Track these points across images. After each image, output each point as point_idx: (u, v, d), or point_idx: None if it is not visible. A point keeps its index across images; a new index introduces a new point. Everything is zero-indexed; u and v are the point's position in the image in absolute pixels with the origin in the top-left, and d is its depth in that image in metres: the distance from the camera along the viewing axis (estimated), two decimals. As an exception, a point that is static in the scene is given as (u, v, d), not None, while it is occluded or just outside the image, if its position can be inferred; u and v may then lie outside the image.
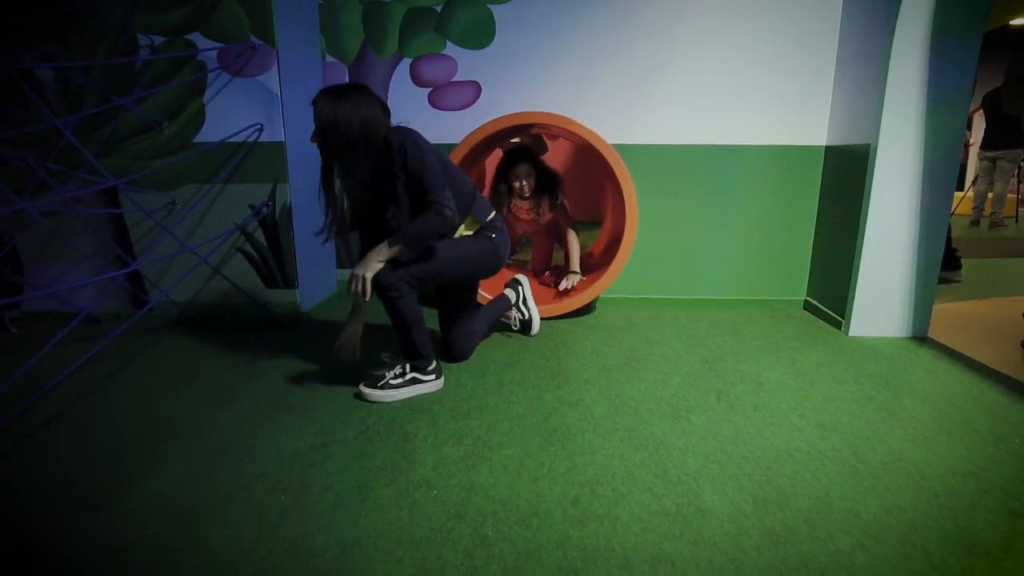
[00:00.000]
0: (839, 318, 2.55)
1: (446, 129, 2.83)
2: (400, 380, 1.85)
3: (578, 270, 2.80)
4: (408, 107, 2.85)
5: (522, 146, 2.89)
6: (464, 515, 1.27)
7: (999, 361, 2.19)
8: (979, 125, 7.05)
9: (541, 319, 2.57)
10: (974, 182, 6.50)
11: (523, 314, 2.45)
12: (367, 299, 1.79)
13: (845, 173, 2.58)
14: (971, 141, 7.60)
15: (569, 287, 2.73)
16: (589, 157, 2.81)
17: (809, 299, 2.89)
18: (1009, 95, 2.41)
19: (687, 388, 1.93)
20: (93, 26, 2.39)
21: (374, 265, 1.76)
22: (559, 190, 2.76)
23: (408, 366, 1.88)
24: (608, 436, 1.61)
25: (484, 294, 2.59)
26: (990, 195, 6.24)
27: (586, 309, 2.83)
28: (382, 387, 1.83)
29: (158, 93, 2.44)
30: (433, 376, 1.90)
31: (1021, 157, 6.02)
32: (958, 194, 7.31)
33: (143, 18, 2.39)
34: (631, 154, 2.76)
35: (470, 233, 2.02)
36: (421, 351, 1.87)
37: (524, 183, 2.72)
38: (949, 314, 2.78)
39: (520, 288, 2.47)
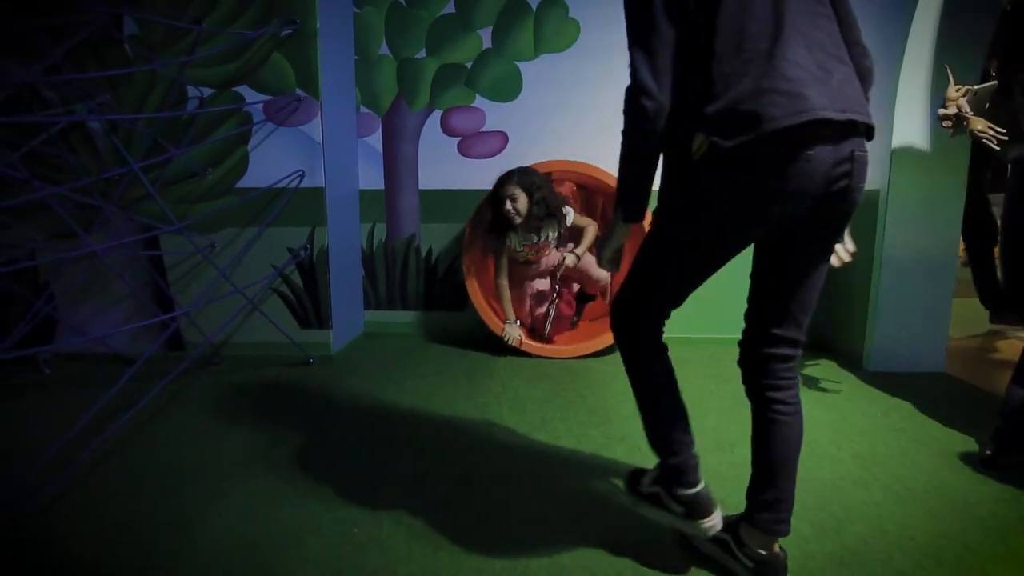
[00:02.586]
0: (859, 354, 2.64)
1: (474, 176, 2.96)
2: (650, 489, 1.31)
3: (579, 253, 2.59)
4: (438, 155, 2.99)
5: (510, 170, 2.57)
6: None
7: (1016, 394, 2.27)
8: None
9: (567, 359, 2.67)
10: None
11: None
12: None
13: (858, 215, 2.68)
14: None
15: (568, 264, 2.56)
16: (599, 200, 2.93)
17: (830, 335, 2.97)
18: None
19: (726, 422, 2.00)
20: (146, 78, 2.52)
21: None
22: (562, 216, 2.58)
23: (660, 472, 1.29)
24: (659, 468, 1.66)
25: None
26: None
27: (613, 348, 2.90)
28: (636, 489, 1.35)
29: (206, 143, 2.56)
30: (684, 509, 1.22)
31: None
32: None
33: (195, 71, 2.53)
34: (653, 198, 2.88)
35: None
36: (660, 446, 1.24)
37: (512, 205, 2.50)
38: (963, 350, 2.88)
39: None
